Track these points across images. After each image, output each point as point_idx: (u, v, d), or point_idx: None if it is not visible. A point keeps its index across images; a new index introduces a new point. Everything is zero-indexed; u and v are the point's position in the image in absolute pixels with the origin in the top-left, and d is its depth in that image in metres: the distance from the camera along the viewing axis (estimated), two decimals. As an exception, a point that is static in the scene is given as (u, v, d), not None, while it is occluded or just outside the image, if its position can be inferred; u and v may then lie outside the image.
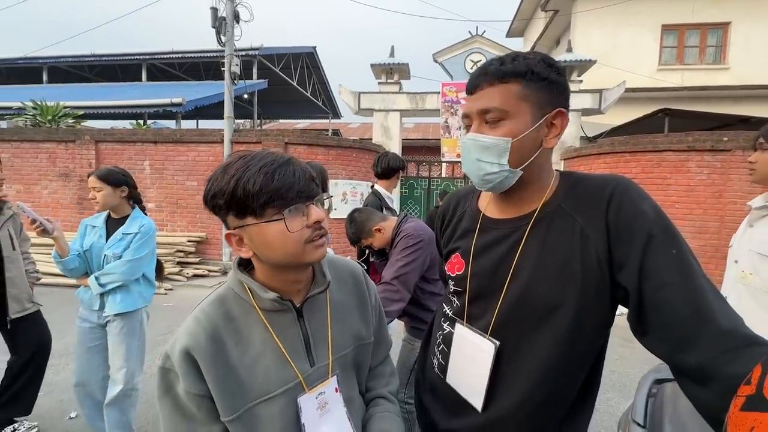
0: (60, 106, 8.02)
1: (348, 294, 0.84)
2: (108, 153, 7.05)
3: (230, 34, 6.44)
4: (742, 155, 5.27)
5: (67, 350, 3.27)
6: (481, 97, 0.72)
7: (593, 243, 0.68)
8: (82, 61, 11.75)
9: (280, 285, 0.72)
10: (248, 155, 0.67)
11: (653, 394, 1.36)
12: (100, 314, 1.91)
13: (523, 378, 0.72)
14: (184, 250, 6.49)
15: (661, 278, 0.61)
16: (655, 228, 0.64)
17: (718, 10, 9.73)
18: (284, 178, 0.64)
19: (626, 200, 0.68)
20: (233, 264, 0.75)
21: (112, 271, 1.86)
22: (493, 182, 0.73)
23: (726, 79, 9.68)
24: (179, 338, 0.68)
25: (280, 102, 14.59)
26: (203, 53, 10.72)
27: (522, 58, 0.72)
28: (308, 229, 0.67)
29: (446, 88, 7.74)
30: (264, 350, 0.70)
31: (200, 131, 7.14)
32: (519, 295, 0.73)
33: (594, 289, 0.68)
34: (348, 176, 6.88)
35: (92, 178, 1.88)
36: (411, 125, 16.28)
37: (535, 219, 0.74)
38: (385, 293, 1.45)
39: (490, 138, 0.71)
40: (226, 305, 0.72)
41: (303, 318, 0.75)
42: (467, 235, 0.84)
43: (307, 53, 12.70)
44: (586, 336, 0.71)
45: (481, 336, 0.77)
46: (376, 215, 1.72)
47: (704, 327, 0.58)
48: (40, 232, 1.78)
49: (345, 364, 0.80)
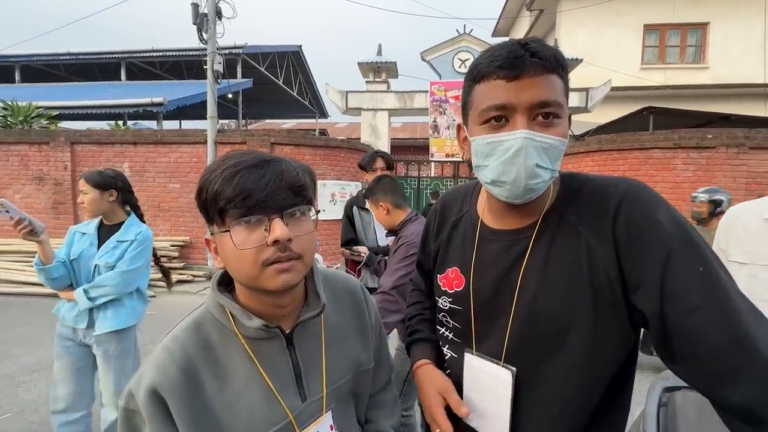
0: (32, 106, 7.69)
1: (345, 315, 0.73)
2: (84, 155, 6.76)
3: (212, 31, 6.25)
4: (725, 152, 5.37)
5: (40, 365, 3.06)
6: (535, 85, 0.57)
7: (601, 259, 0.59)
8: (57, 59, 11.29)
9: (263, 308, 0.62)
10: (232, 153, 0.59)
11: (664, 403, 1.30)
12: (88, 333, 1.72)
13: (543, 407, 0.64)
14: (168, 255, 6.29)
15: (688, 301, 0.52)
16: (675, 242, 0.54)
17: (697, 11, 9.95)
18: (245, 183, 0.54)
19: (637, 209, 0.58)
20: (212, 283, 0.64)
21: (104, 284, 1.68)
22: (535, 192, 0.61)
23: (705, 78, 9.90)
24: (145, 373, 0.57)
25: (265, 102, 14.34)
26: (185, 51, 10.42)
27: (553, 47, 0.61)
28: (269, 249, 0.55)
29: (434, 87, 7.70)
30: (247, 385, 0.60)
31: (182, 131, 6.92)
32: (528, 315, 0.64)
33: (608, 309, 0.59)
34: (336, 176, 6.76)
35: (81, 180, 1.75)
36: (398, 125, 16.23)
37: (537, 231, 0.65)
38: (383, 303, 1.36)
39: (552, 138, 0.58)
40: (203, 332, 0.61)
41: (293, 345, 0.64)
42: (465, 245, 0.74)
43: (293, 52, 12.50)
44: (607, 360, 0.62)
45: (495, 364, 0.67)
46: (393, 195, 1.69)
47: (746, 359, 0.49)
48: (26, 234, 1.58)
49: (341, 395, 0.70)
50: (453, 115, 7.76)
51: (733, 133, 5.49)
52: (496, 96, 0.59)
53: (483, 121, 0.61)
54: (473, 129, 0.64)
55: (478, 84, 0.61)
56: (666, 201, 0.60)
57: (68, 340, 1.75)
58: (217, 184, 0.54)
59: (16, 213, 1.56)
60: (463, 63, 7.93)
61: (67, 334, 1.76)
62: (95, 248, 1.75)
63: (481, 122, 0.62)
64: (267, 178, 0.55)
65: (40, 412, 2.44)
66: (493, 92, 0.59)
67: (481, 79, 0.61)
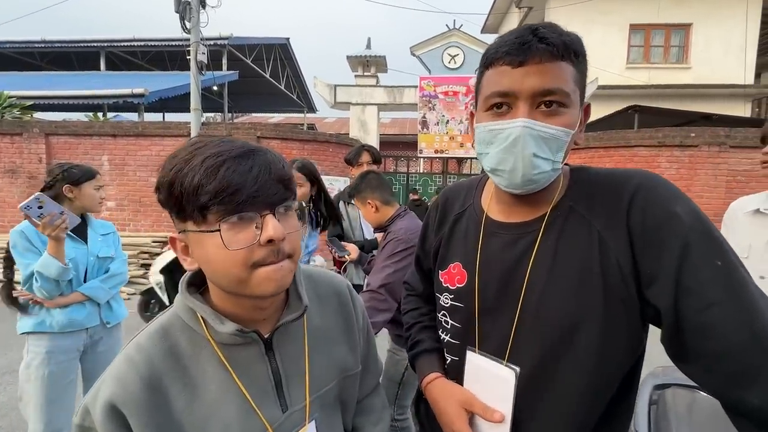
0: (4, 95, 7.35)
1: (331, 317, 0.68)
2: (60, 147, 6.50)
3: (196, 19, 6.05)
4: (708, 150, 5.49)
5: (10, 367, 2.93)
6: (539, 72, 0.55)
7: (614, 252, 0.56)
8: (31, 47, 10.81)
9: (240, 311, 0.56)
10: (204, 140, 0.52)
11: (654, 401, 1.29)
12: (96, 329, 1.68)
13: (548, 408, 0.61)
14: (149, 252, 6.09)
15: (705, 296, 0.50)
16: (692, 234, 0.52)
17: (680, 11, 10.13)
18: (232, 176, 0.47)
19: (652, 201, 0.56)
20: (181, 284, 0.58)
21: (118, 272, 1.75)
22: (539, 183, 0.60)
23: (688, 77, 10.11)
24: (103, 386, 0.51)
25: (252, 95, 14.05)
26: (168, 42, 10.10)
27: (568, 34, 0.58)
28: (260, 249, 0.49)
29: (424, 82, 7.65)
30: (221, 396, 0.54)
31: (164, 124, 6.72)
32: (536, 311, 0.61)
33: (620, 306, 0.56)
34: (324, 172, 6.67)
35: (98, 176, 1.76)
36: (387, 120, 16.16)
37: (545, 223, 0.62)
38: (371, 302, 1.31)
39: (553, 128, 0.56)
40: (171, 338, 0.55)
41: (273, 351, 0.59)
42: (468, 239, 0.71)
43: (280, 44, 12.25)
44: (615, 359, 0.59)
45: (498, 362, 0.64)
46: (380, 191, 1.60)
47: (766, 358, 0.47)
48: (60, 232, 1.44)
49: (326, 402, 0.64)
50: (442, 110, 7.74)
51: (715, 132, 5.62)
52: (499, 82, 0.58)
53: (487, 108, 0.60)
54: (479, 115, 0.63)
55: (488, 70, 0.60)
56: (683, 193, 0.57)
57: (62, 354, 1.59)
58: (198, 177, 0.47)
59: (53, 207, 1.42)
60: (453, 59, 7.90)
61: (62, 347, 1.59)
62: (84, 244, 1.69)
63: (486, 109, 0.61)
64: (256, 171, 0.49)
65: (9, 417, 2.32)
66: (498, 78, 0.58)
67: (489, 64, 0.59)
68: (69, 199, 1.60)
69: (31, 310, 1.58)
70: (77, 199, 1.62)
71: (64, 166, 1.64)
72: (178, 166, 0.49)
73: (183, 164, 0.49)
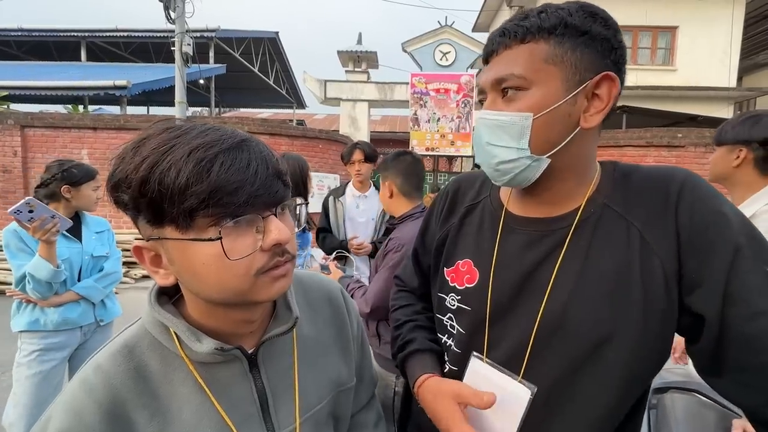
0: (-23, 85, 7.01)
1: (323, 326, 0.61)
2: (37, 140, 6.23)
3: (181, 9, 5.86)
4: (694, 151, 5.59)
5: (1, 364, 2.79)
6: (496, 63, 0.56)
7: (658, 254, 0.51)
8: (6, 35, 10.37)
9: (224, 325, 0.49)
10: (179, 127, 0.43)
11: (653, 405, 1.26)
12: (90, 327, 1.68)
13: (565, 429, 0.55)
14: (132, 249, 5.93)
15: (753, 305, 0.46)
16: (741, 237, 0.48)
17: (667, 14, 10.29)
18: (230, 172, 0.40)
19: (699, 199, 0.51)
20: (150, 294, 0.50)
21: (112, 270, 1.74)
22: (510, 174, 0.56)
23: (674, 80, 10.29)
24: (55, 416, 0.43)
25: (240, 90, 13.79)
26: (153, 33, 9.80)
27: (553, 9, 0.53)
28: (263, 255, 0.43)
29: (415, 78, 7.58)
30: (197, 423, 0.47)
31: (147, 117, 6.53)
32: (560, 321, 0.54)
33: (658, 316, 0.51)
34: (314, 168, 6.56)
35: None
36: (378, 118, 16.06)
37: (578, 221, 0.56)
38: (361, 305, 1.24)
39: (504, 114, 0.54)
40: (137, 358, 0.47)
41: (258, 368, 0.52)
42: (482, 234, 0.64)
43: (269, 38, 12.03)
44: (641, 377, 0.54)
45: (511, 377, 0.57)
46: (404, 178, 1.40)
47: None
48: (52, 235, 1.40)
49: (319, 422, 0.58)
50: (434, 108, 7.69)
51: (701, 133, 5.72)
52: (479, 80, 0.61)
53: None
54: None
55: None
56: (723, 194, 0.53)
57: (56, 352, 1.60)
58: (184, 174, 0.39)
59: (43, 211, 1.37)
60: (445, 56, 7.85)
61: (58, 344, 1.60)
62: (78, 242, 1.66)
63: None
64: (254, 166, 0.42)
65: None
66: (480, 76, 0.61)
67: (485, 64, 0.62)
68: (66, 199, 1.56)
69: (24, 309, 1.59)
70: (74, 199, 1.58)
71: (65, 164, 1.58)
72: (152, 158, 0.40)
73: (160, 156, 0.40)
